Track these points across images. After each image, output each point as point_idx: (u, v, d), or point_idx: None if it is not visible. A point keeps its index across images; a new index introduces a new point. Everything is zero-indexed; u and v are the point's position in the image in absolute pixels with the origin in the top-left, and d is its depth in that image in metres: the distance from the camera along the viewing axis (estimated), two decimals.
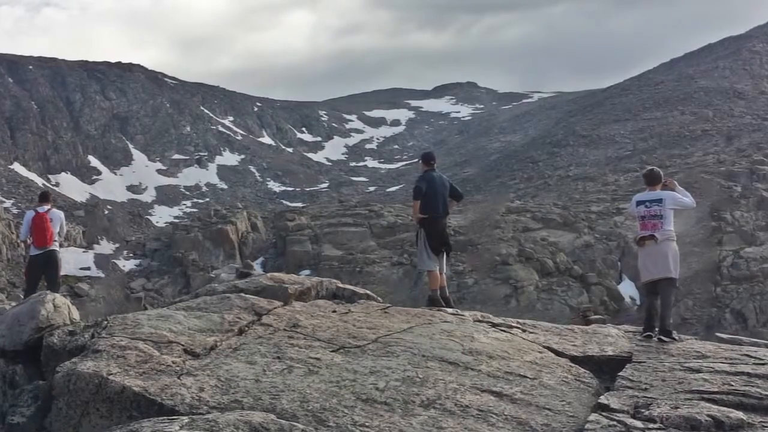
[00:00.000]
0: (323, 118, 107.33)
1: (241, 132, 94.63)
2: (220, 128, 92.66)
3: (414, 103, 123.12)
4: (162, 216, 69.95)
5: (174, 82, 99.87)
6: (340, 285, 11.40)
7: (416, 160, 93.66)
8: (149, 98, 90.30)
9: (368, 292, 11.32)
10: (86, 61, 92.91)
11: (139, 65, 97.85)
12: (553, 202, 55.61)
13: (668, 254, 9.70)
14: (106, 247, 56.52)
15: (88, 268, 50.75)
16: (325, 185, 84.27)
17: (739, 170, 53.89)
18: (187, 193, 77.46)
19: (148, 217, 68.50)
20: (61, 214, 12.81)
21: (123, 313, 9.04)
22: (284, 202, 76.05)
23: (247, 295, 9.52)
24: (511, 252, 46.41)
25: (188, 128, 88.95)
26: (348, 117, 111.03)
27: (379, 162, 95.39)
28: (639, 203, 10.06)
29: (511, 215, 51.50)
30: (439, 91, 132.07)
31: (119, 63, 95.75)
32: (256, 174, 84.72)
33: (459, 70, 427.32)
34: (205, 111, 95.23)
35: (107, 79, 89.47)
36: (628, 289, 45.74)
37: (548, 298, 43.95)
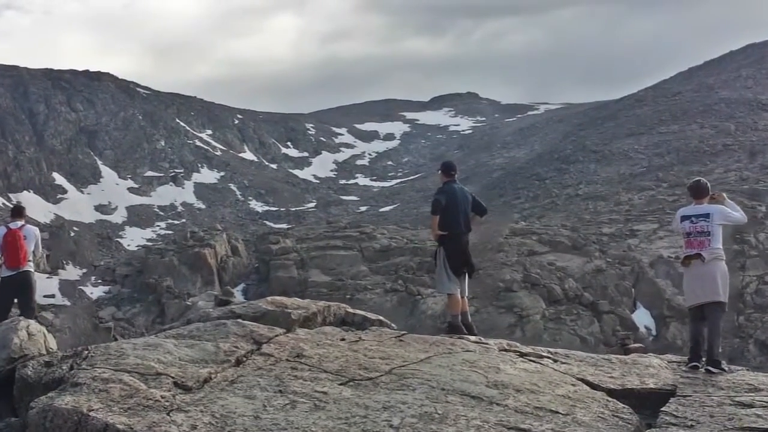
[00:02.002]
0: (310, 132, 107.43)
1: (221, 147, 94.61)
2: (198, 143, 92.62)
3: (409, 115, 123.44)
4: (133, 239, 69.69)
5: (147, 92, 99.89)
6: (350, 310, 11.29)
7: (412, 176, 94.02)
8: (120, 110, 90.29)
9: (381, 317, 11.20)
10: (51, 69, 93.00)
11: (108, 74, 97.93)
12: (561, 224, 55.65)
13: (716, 275, 9.58)
14: (72, 272, 56.24)
15: (53, 296, 50.47)
16: (312, 205, 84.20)
17: (763, 189, 54.10)
18: (161, 213, 77.26)
19: (119, 239, 68.26)
20: (36, 230, 12.48)
21: (91, 344, 8.90)
22: (267, 223, 75.90)
23: (245, 322, 9.43)
24: (515, 278, 46.38)
25: (162, 143, 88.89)
26: (337, 130, 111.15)
27: (372, 180, 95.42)
28: (684, 218, 9.91)
29: (516, 237, 51.52)
30: (436, 103, 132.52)
31: (87, 71, 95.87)
32: (237, 192, 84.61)
33: (458, 79, 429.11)
34: (181, 124, 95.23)
35: (74, 89, 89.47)
36: (643, 319, 45.71)
37: (556, 328, 43.88)
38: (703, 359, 9.38)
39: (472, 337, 10.30)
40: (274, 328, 9.36)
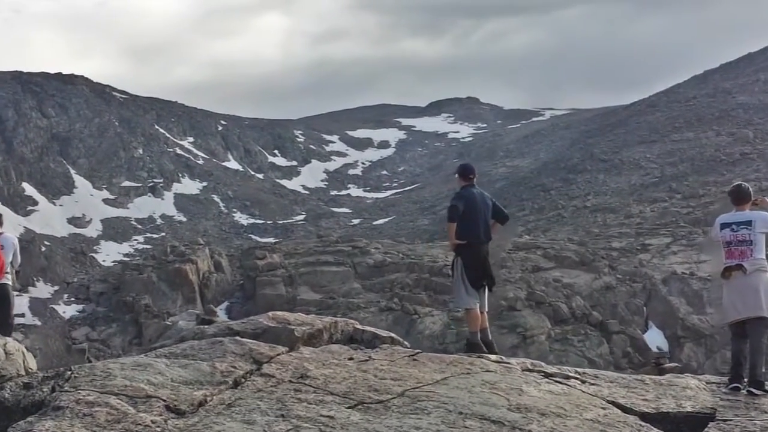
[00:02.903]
0: (299, 139, 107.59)
1: (203, 155, 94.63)
2: (178, 150, 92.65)
3: (405, 121, 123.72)
4: (109, 254, 69.61)
5: (124, 96, 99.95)
6: (358, 326, 11.12)
7: (409, 187, 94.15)
8: (94, 115, 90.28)
9: (392, 335, 11.05)
10: (20, 72, 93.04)
11: (82, 77, 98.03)
12: (568, 237, 55.78)
13: (759, 288, 9.43)
14: (43, 289, 56.13)
15: (22, 315, 50.29)
16: (301, 217, 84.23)
17: None
18: (139, 226, 77.18)
19: (93, 254, 68.15)
20: (14, 239, 12.19)
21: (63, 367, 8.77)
22: (253, 237, 75.90)
23: (243, 339, 9.24)
24: (519, 295, 46.42)
25: (140, 151, 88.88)
26: (328, 138, 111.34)
27: (365, 190, 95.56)
28: (724, 226, 9.76)
29: (519, 252, 51.59)
30: (434, 108, 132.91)
31: (59, 74, 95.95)
32: (221, 204, 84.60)
33: (458, 83, 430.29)
34: (161, 130, 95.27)
35: (45, 93, 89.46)
36: (655, 339, 45.84)
37: (562, 350, 43.92)
38: (745, 380, 9.27)
39: (493, 356, 10.11)
40: (276, 347, 9.16)
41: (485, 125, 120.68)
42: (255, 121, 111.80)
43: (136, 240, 74.14)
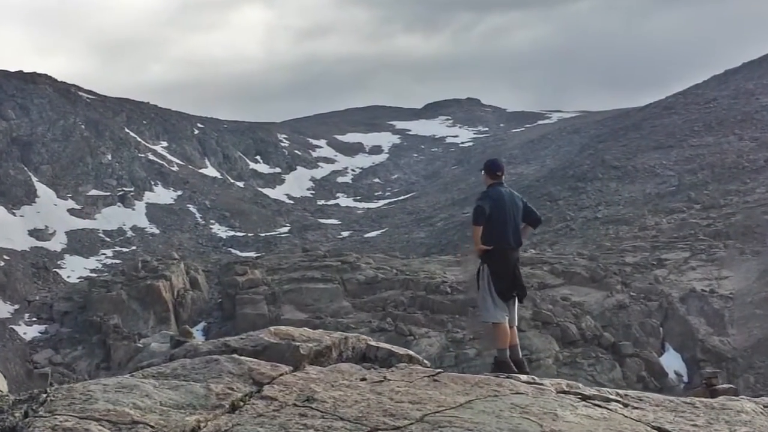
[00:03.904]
0: (283, 144, 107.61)
1: (178, 161, 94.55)
2: (151, 156, 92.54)
3: (399, 124, 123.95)
4: (75, 269, 69.40)
5: (91, 97, 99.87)
6: (372, 343, 10.99)
7: (403, 196, 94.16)
8: (59, 118, 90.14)
9: (410, 352, 10.92)
10: None
11: (45, 75, 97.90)
12: (578, 251, 55.84)
13: None
14: (1, 308, 56.02)
15: None
16: (285, 229, 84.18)
17: None
18: (108, 239, 77.00)
19: (57, 270, 67.89)
20: None
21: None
22: (233, 250, 75.79)
23: (242, 357, 9.09)
24: (523, 315, 46.34)
25: (109, 156, 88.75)
26: (315, 142, 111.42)
27: (355, 200, 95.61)
28: None
29: (524, 268, 51.45)
30: (431, 110, 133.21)
31: (20, 72, 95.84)
32: (197, 215, 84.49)
33: (457, 83, 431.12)
34: (131, 134, 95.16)
35: (4, 93, 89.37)
36: (672, 362, 45.88)
37: (571, 374, 43.84)
38: None
39: (523, 376, 9.86)
40: (279, 366, 8.96)
41: (487, 129, 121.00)
42: (235, 124, 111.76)
43: (104, 254, 73.92)
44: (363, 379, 8.86)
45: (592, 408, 8.47)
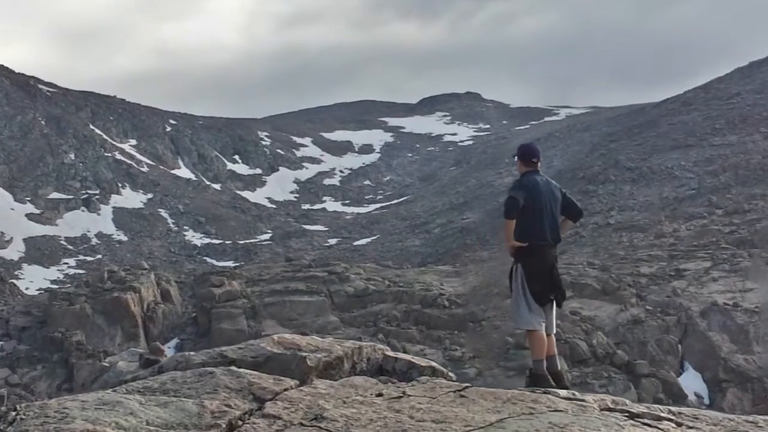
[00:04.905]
0: (264, 142, 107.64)
1: (148, 161, 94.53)
2: (118, 156, 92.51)
3: (392, 121, 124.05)
4: (34, 279, 69.35)
5: (52, 90, 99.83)
6: (390, 353, 10.72)
7: (396, 200, 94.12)
8: (16, 113, 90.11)
9: (434, 364, 10.64)
10: None
11: (2, 66, 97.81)
12: (588, 261, 55.90)
13: None
14: None
15: None
16: (266, 237, 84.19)
17: None
18: (70, 247, 76.95)
19: (14, 281, 67.77)
20: None
21: None
22: (209, 260, 75.80)
23: (241, 370, 8.86)
24: None
25: (72, 156, 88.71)
26: (299, 141, 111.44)
27: (343, 204, 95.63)
28: None
29: None
30: (427, 105, 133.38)
31: None
32: (169, 220, 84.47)
33: (455, 75, 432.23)
34: (97, 131, 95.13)
35: None
36: (692, 383, 45.85)
37: None
38: None
39: (562, 391, 9.42)
40: (283, 379, 8.76)
41: (488, 126, 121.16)
42: (211, 121, 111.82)
43: (66, 263, 73.86)
44: (379, 395, 8.60)
45: (641, 428, 8.28)
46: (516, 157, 11.38)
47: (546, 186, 10.98)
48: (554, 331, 10.96)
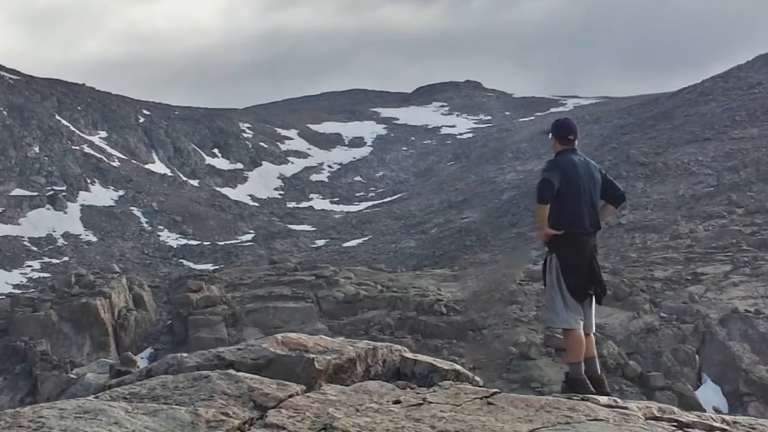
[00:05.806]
0: (246, 135, 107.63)
1: (119, 155, 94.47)
2: (87, 149, 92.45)
3: (385, 112, 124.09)
4: None
5: (14, 77, 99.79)
6: (408, 355, 10.50)
7: (390, 198, 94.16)
8: None
9: (458, 367, 10.44)
10: None
11: None
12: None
13: None
14: None
15: None
16: (248, 237, 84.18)
17: None
18: (34, 248, 76.88)
19: None
20: None
21: None
22: (185, 262, 75.73)
23: (240, 374, 8.60)
24: (533, 340, 46.49)
25: (36, 149, 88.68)
26: (284, 132, 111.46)
27: (332, 202, 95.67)
28: None
29: (534, 284, 51.66)
30: (423, 95, 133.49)
31: None
32: (142, 219, 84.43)
33: (454, 63, 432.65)
34: (63, 122, 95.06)
35: None
36: (710, 396, 45.81)
37: None
38: None
39: (603, 398, 9.30)
40: (288, 384, 8.53)
41: (489, 118, 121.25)
42: (188, 111, 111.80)
43: (29, 266, 73.77)
44: (396, 402, 8.37)
45: None
46: (550, 134, 11.04)
47: (584, 166, 10.64)
48: (593, 330, 10.87)
